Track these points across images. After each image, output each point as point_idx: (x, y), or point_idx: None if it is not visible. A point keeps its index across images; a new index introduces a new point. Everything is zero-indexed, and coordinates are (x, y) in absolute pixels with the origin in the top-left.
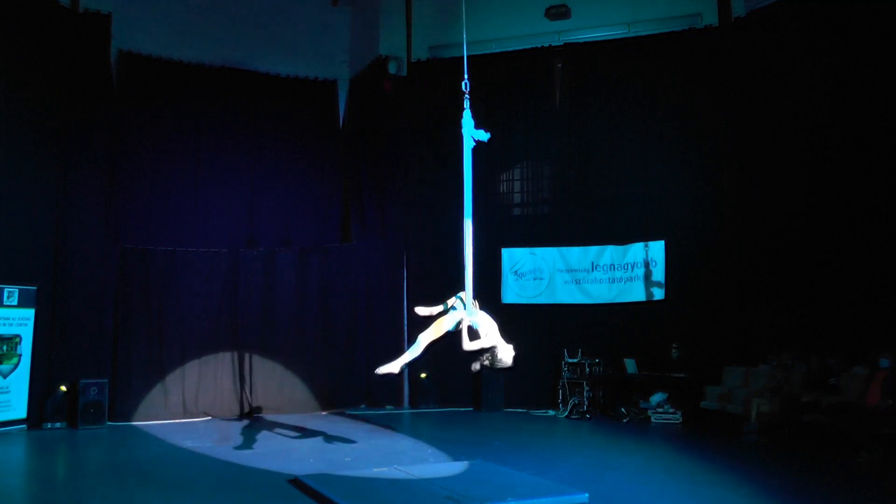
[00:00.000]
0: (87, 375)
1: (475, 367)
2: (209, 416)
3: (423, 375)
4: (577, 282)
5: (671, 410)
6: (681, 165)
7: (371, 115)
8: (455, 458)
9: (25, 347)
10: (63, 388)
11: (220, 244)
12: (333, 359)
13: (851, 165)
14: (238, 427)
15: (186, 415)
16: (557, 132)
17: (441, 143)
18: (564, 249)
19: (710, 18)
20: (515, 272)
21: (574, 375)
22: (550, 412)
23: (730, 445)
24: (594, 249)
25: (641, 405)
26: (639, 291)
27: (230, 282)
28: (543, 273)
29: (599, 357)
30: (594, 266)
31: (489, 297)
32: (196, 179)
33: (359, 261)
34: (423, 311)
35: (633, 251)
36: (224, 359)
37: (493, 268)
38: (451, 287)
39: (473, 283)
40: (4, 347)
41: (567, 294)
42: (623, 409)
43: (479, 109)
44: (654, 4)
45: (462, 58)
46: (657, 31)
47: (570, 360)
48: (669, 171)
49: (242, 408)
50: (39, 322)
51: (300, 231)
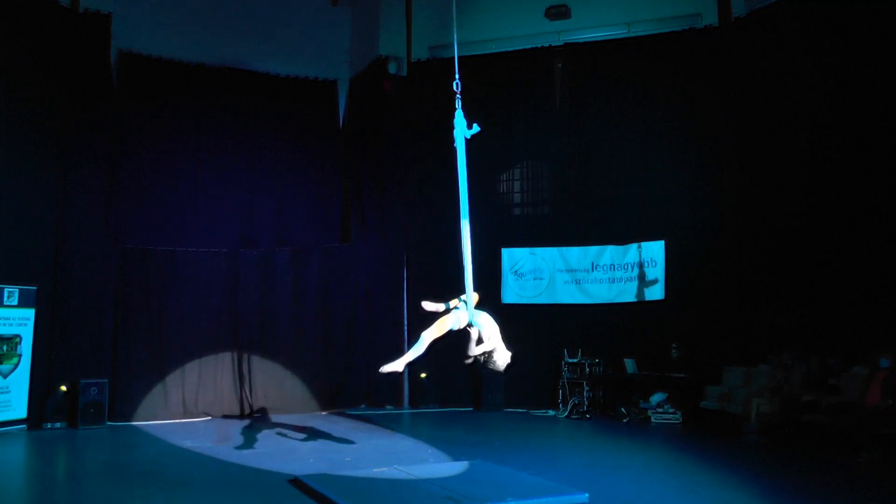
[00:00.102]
0: (87, 375)
1: (468, 360)
2: (209, 416)
3: (423, 375)
4: (577, 282)
5: (671, 410)
6: (681, 165)
7: (371, 115)
8: (455, 458)
9: (25, 347)
10: (63, 388)
11: (221, 244)
12: (333, 359)
13: (851, 165)
14: (238, 427)
15: (186, 415)
16: (557, 132)
17: (441, 143)
18: (564, 249)
19: (710, 18)
20: (515, 272)
21: (574, 375)
22: (550, 412)
23: (730, 445)
24: (594, 249)
25: (641, 405)
26: (639, 291)
27: (230, 282)
28: (543, 273)
29: (599, 357)
30: (594, 266)
31: (489, 297)
32: (196, 179)
33: (359, 261)
34: (430, 306)
35: (633, 251)
36: (224, 359)
37: (493, 268)
38: (452, 287)
39: (473, 284)
40: (4, 347)
41: (567, 294)
42: (623, 409)
43: (480, 109)
44: (654, 4)
45: (462, 58)
46: (657, 31)
47: (570, 360)
48: (669, 171)
49: (242, 408)
50: (39, 322)
51: (300, 231)
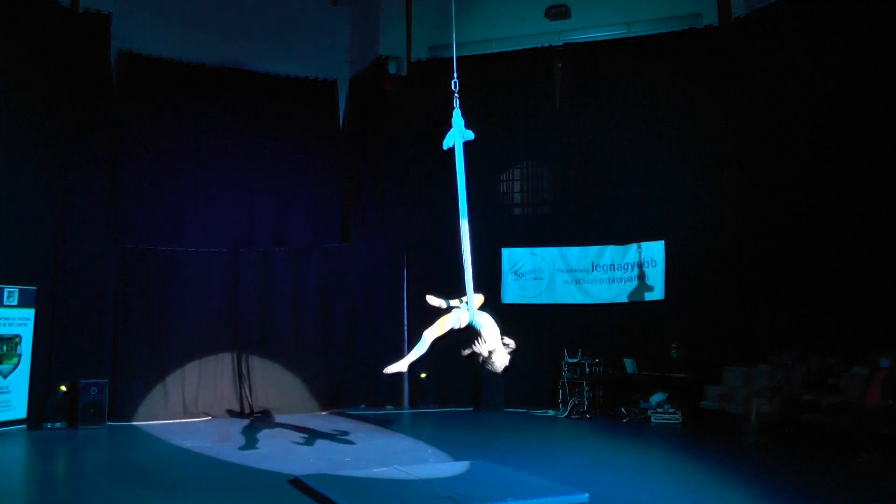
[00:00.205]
0: (87, 375)
1: (465, 352)
2: (209, 416)
3: (423, 375)
4: (577, 282)
5: (671, 410)
6: (681, 165)
7: (371, 115)
8: (455, 459)
9: (25, 347)
10: (63, 388)
11: (221, 244)
12: (333, 359)
13: (851, 165)
14: (238, 427)
15: (186, 415)
16: (557, 132)
17: (441, 143)
18: (564, 249)
19: (710, 18)
20: (515, 272)
21: (574, 375)
22: (550, 412)
23: (730, 445)
24: (594, 249)
25: (641, 405)
26: (639, 291)
27: (230, 282)
28: (543, 273)
29: (599, 357)
30: (594, 266)
31: (489, 297)
32: (196, 179)
33: (359, 261)
34: (433, 301)
35: (633, 251)
36: (224, 359)
37: (493, 268)
38: (452, 287)
39: (474, 284)
40: (4, 347)
41: (567, 294)
42: (623, 409)
43: (480, 109)
44: (654, 4)
45: (462, 58)
46: (657, 31)
47: (570, 360)
48: (669, 171)
49: (242, 408)
50: (39, 322)
51: (300, 231)
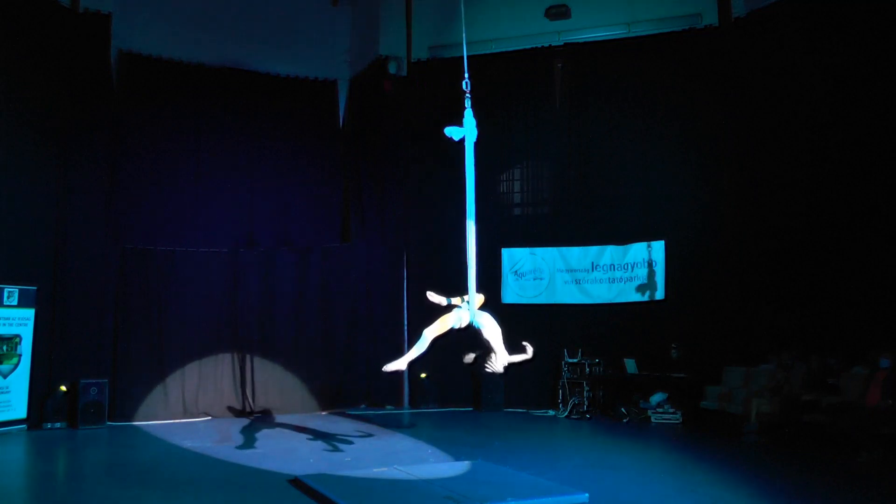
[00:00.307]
0: (87, 375)
1: (467, 359)
2: (209, 416)
3: (423, 375)
4: (577, 282)
5: (671, 410)
6: (681, 165)
7: (371, 115)
8: (455, 459)
9: (25, 347)
10: (63, 388)
11: (221, 244)
12: (333, 359)
13: (851, 165)
14: (238, 427)
15: (186, 415)
16: (557, 132)
17: (441, 143)
18: (564, 249)
19: (710, 18)
20: (515, 272)
21: (574, 375)
22: (550, 412)
23: (730, 445)
24: (594, 249)
25: (641, 405)
26: (639, 291)
27: (230, 282)
28: (543, 273)
29: (599, 357)
30: (594, 266)
31: (489, 298)
32: (196, 179)
33: (359, 261)
34: (434, 298)
35: (633, 251)
36: (224, 359)
37: (493, 268)
38: (452, 287)
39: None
40: (4, 347)
41: (567, 294)
42: (623, 409)
43: (480, 109)
44: (654, 4)
45: (462, 57)
46: (657, 31)
47: (570, 360)
48: (669, 171)
49: (243, 408)
50: (39, 322)
51: (300, 231)
